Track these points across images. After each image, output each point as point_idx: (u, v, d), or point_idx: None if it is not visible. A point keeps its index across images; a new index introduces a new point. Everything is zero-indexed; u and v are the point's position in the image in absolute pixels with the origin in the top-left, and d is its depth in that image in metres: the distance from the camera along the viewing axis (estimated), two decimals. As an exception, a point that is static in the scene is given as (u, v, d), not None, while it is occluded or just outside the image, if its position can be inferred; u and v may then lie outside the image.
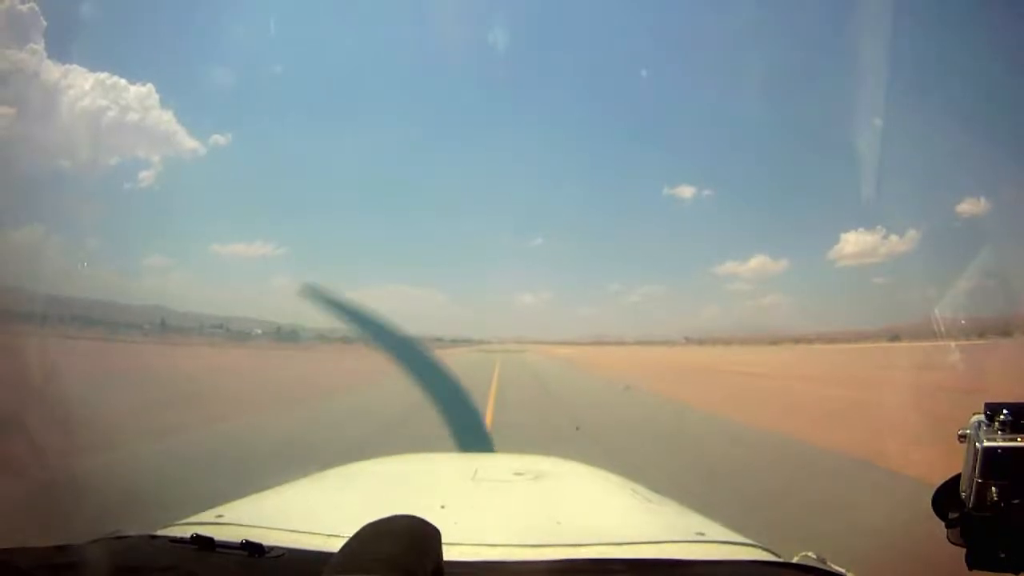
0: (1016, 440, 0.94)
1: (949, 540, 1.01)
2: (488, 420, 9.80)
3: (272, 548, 1.04)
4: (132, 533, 1.19)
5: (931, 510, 1.04)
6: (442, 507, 1.33)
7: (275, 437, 8.36)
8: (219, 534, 1.09)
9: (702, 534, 1.29)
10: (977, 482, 0.95)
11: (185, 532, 1.11)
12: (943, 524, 1.03)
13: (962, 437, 0.99)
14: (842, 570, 1.12)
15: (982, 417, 0.98)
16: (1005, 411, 0.96)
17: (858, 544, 3.56)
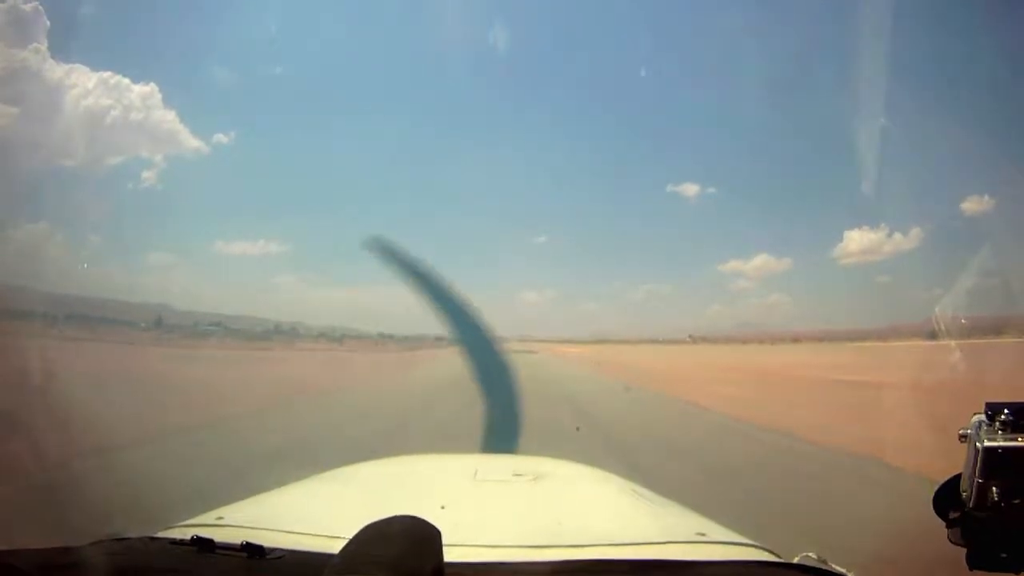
0: (1017, 440, 0.93)
1: (950, 540, 1.01)
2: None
3: (272, 550, 1.03)
4: (132, 535, 1.19)
5: (932, 510, 1.04)
6: (442, 508, 1.32)
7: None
8: (219, 536, 1.09)
9: (703, 535, 1.29)
10: (978, 482, 0.95)
11: (185, 534, 1.11)
12: (944, 524, 1.02)
13: (963, 437, 0.99)
14: (843, 570, 1.12)
15: (983, 417, 0.97)
16: (1006, 411, 0.95)
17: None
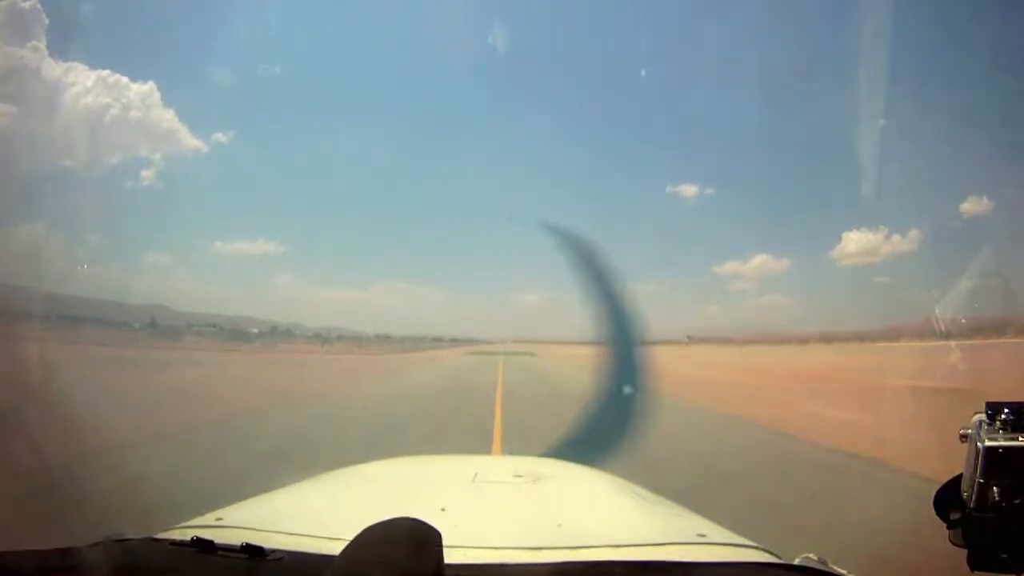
0: (1018, 440, 0.93)
1: (951, 541, 1.01)
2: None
3: (272, 551, 1.03)
4: (133, 536, 1.19)
5: (932, 511, 1.04)
6: (442, 510, 1.32)
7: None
8: (219, 537, 1.08)
9: (703, 536, 1.28)
10: (979, 482, 0.94)
11: (185, 535, 1.11)
12: (944, 525, 1.02)
13: (963, 437, 0.99)
14: (843, 572, 1.12)
15: (983, 417, 0.97)
16: (1007, 410, 0.95)
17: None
